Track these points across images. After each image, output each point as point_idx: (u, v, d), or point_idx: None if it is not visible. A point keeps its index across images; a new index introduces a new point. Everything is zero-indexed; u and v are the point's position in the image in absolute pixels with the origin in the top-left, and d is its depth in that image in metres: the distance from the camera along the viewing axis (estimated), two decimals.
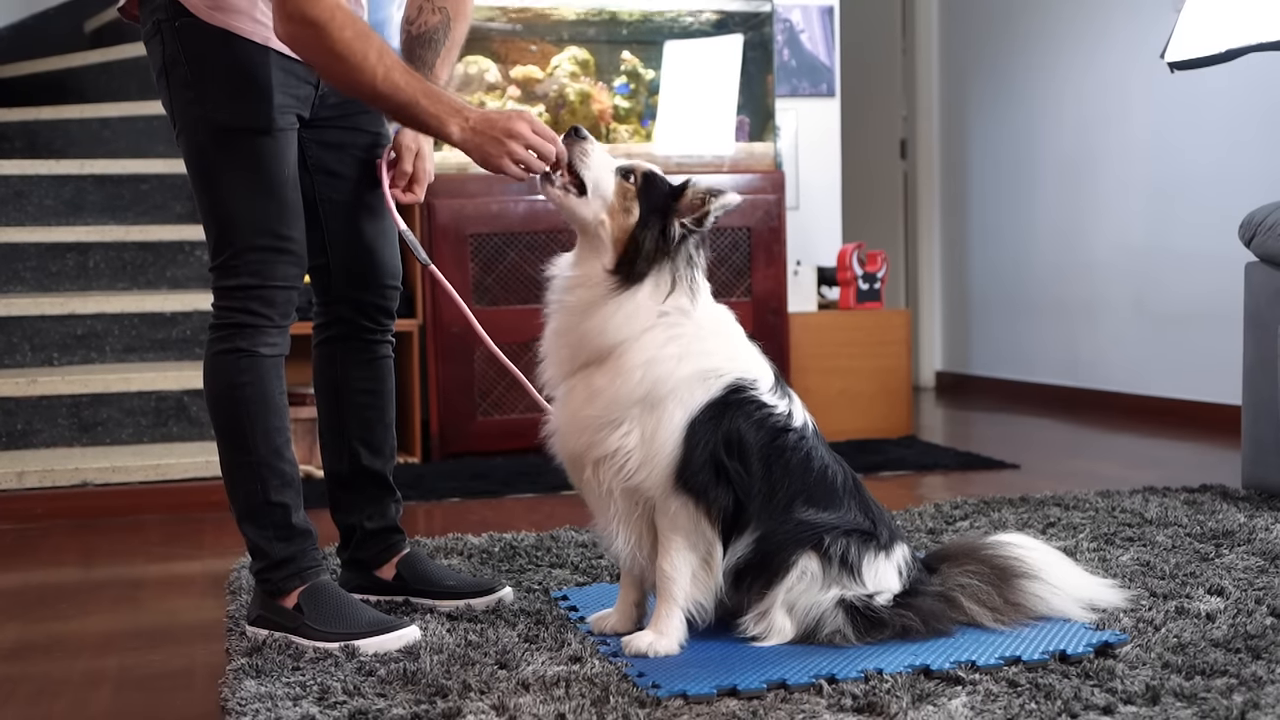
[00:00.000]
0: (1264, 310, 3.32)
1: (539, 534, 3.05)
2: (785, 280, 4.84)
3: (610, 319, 2.06)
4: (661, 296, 2.06)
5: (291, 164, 2.21)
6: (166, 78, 2.19)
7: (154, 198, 4.73)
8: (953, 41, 7.02)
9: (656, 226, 2.07)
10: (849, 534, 2.08)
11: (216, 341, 2.21)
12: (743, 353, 2.14)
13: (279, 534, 2.22)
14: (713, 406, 2.05)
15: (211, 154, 2.17)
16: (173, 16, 2.14)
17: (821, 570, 2.05)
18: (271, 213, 2.17)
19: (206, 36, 2.13)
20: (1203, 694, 1.79)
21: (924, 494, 3.67)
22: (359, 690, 1.90)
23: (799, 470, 2.09)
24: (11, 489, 3.60)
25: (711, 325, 2.12)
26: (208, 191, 2.19)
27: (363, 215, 2.38)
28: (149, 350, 4.24)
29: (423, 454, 4.53)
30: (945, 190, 7.12)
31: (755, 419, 2.07)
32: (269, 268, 2.17)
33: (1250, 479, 3.38)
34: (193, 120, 2.17)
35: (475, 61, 4.90)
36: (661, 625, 2.07)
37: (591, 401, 2.07)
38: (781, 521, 2.06)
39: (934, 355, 7.23)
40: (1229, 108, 4.96)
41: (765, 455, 2.07)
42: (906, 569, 2.13)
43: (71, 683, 2.13)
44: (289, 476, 2.23)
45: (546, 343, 2.16)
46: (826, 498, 2.10)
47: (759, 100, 5.11)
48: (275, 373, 2.22)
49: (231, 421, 2.22)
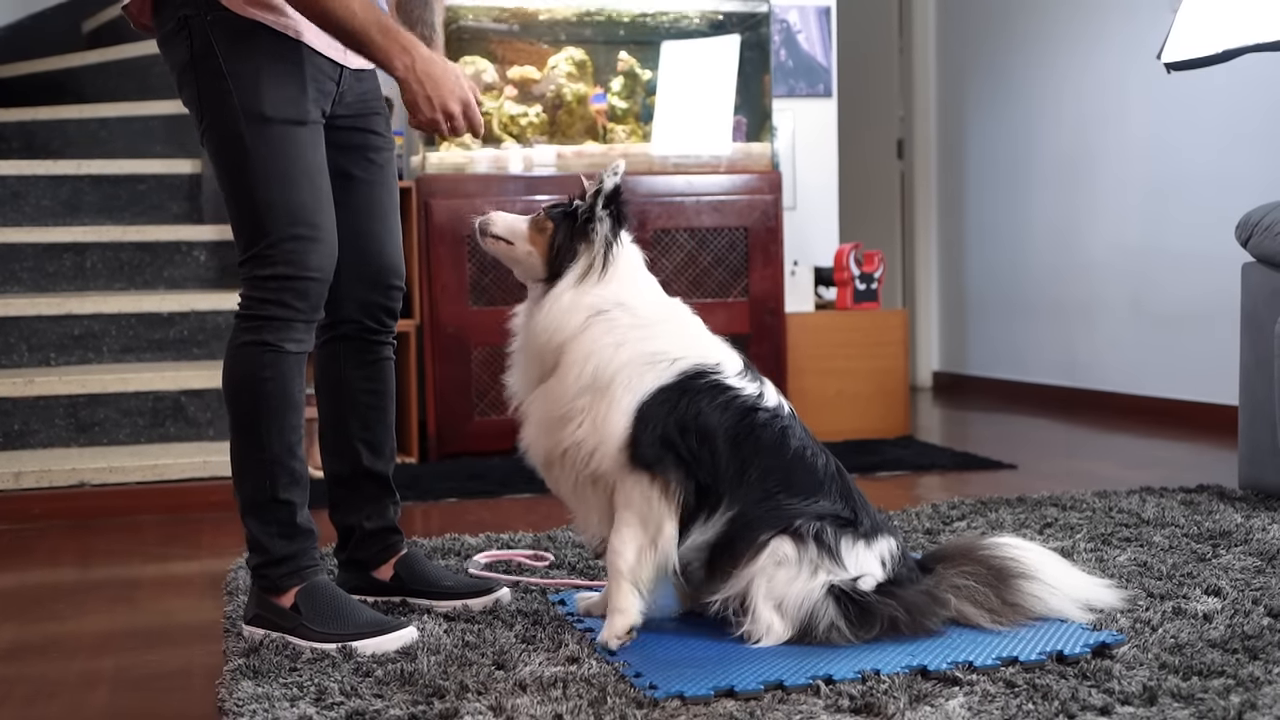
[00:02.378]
0: (1261, 310, 3.32)
1: (536, 534, 3.05)
2: (782, 280, 4.85)
3: (545, 318, 2.17)
4: (578, 280, 2.17)
5: (323, 155, 2.23)
6: (194, 71, 2.18)
7: (151, 198, 4.73)
8: (950, 42, 7.03)
9: (565, 226, 2.20)
10: (823, 518, 2.08)
11: (244, 332, 2.20)
12: (697, 339, 2.19)
13: (282, 531, 2.22)
14: (667, 390, 2.09)
15: (248, 142, 2.16)
16: (204, 11, 2.14)
17: (796, 553, 2.05)
18: (307, 202, 2.18)
19: (240, 29, 2.14)
20: (1200, 694, 1.79)
21: (921, 494, 3.67)
22: (356, 691, 1.90)
23: (771, 449, 2.10)
24: (8, 489, 3.60)
25: (655, 314, 2.19)
26: (242, 181, 2.18)
27: (370, 216, 2.39)
28: (146, 350, 4.24)
29: (420, 454, 4.53)
30: (942, 190, 7.12)
31: (720, 401, 2.10)
32: (304, 257, 2.17)
33: (1247, 479, 3.39)
34: (227, 111, 2.16)
35: (473, 61, 4.90)
36: (616, 602, 2.10)
37: (547, 403, 2.16)
38: (755, 502, 2.08)
39: (931, 355, 7.24)
40: (1226, 108, 4.96)
41: (733, 435, 2.09)
42: (891, 561, 2.12)
43: (68, 683, 2.13)
44: (298, 475, 2.24)
45: (512, 363, 2.27)
46: (805, 483, 2.11)
47: (756, 100, 5.12)
48: (298, 369, 2.22)
49: (249, 415, 2.21)
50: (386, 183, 2.43)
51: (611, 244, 2.18)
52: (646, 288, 2.23)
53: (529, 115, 4.92)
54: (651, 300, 2.21)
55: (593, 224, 2.18)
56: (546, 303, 2.18)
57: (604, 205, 2.18)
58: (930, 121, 7.18)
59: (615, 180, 2.17)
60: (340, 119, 2.32)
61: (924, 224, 7.22)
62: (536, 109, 4.94)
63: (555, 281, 2.19)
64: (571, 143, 4.91)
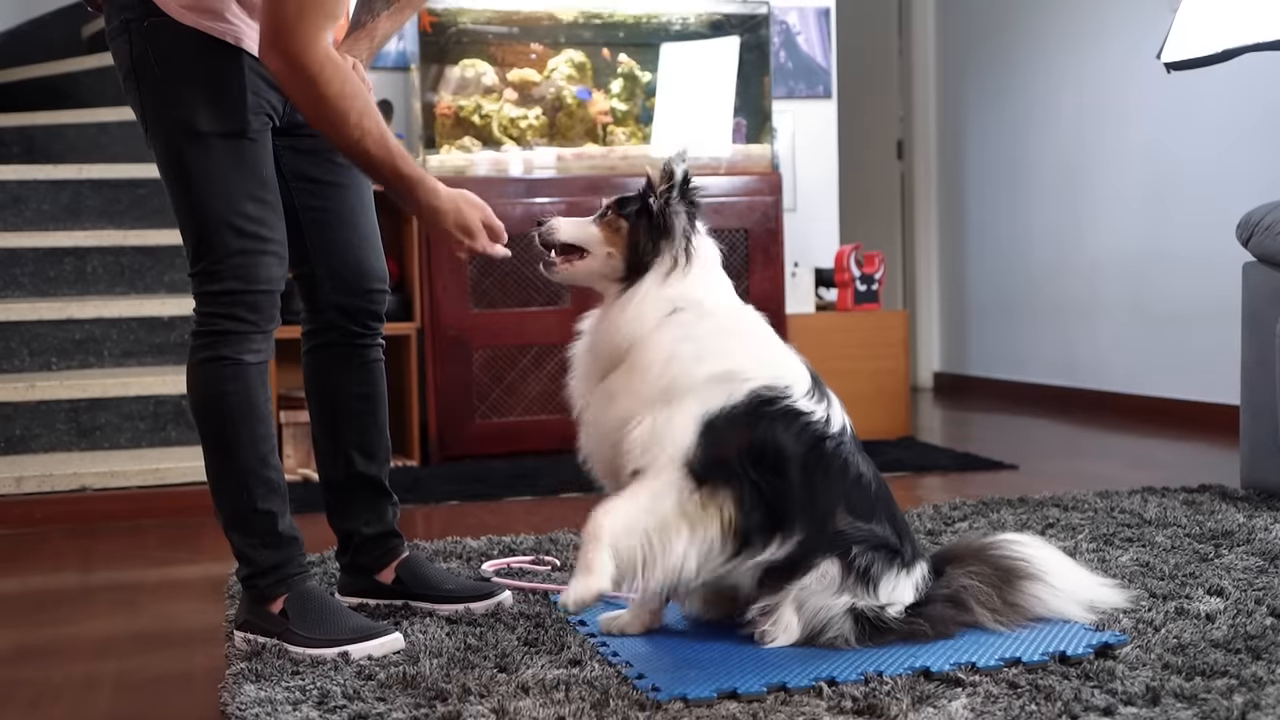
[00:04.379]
0: (1262, 310, 3.32)
1: (538, 537, 3.05)
2: (783, 282, 4.85)
3: (621, 314, 2.09)
4: (664, 276, 2.09)
5: (268, 165, 2.20)
6: (136, 79, 2.15)
7: (152, 202, 4.72)
8: (949, 42, 7.03)
9: (644, 220, 2.11)
10: (877, 549, 2.07)
11: (200, 349, 2.19)
12: (770, 354, 2.12)
13: (265, 541, 2.22)
14: (737, 411, 2.03)
15: (188, 157, 2.13)
16: (142, 15, 2.10)
17: (840, 577, 2.04)
18: (251, 214, 2.15)
19: (177, 36, 2.10)
20: (1203, 695, 1.79)
21: (922, 495, 3.67)
22: (358, 694, 1.89)
23: (838, 477, 2.08)
24: (10, 494, 3.60)
25: (730, 323, 2.12)
26: (184, 196, 2.16)
27: (344, 221, 2.37)
28: (147, 355, 4.24)
29: (421, 457, 4.53)
30: (942, 191, 7.12)
31: (795, 428, 2.05)
32: (251, 270, 2.15)
33: (1249, 479, 3.38)
34: (165, 124, 2.14)
35: (473, 64, 4.91)
36: (588, 560, 1.98)
37: (612, 404, 2.08)
38: (820, 529, 2.05)
39: (932, 356, 7.24)
40: (1226, 108, 4.96)
41: (805, 464, 2.05)
42: (924, 584, 2.12)
43: (70, 687, 2.13)
44: (275, 484, 2.23)
45: (575, 362, 2.18)
46: (861, 506, 2.09)
47: (756, 102, 5.12)
48: (260, 380, 2.21)
49: (217, 430, 2.21)
50: (357, 185, 2.39)
51: (690, 237, 2.12)
52: (721, 286, 2.16)
53: (529, 118, 4.92)
54: (727, 305, 2.14)
55: (670, 217, 2.10)
56: (625, 299, 2.10)
57: (679, 196, 2.11)
58: (930, 122, 7.18)
59: (684, 168, 2.10)
60: (298, 124, 2.26)
61: (924, 225, 7.22)
62: (536, 111, 4.94)
63: (635, 278, 2.10)
64: (571, 145, 4.92)
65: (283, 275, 2.21)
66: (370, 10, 2.37)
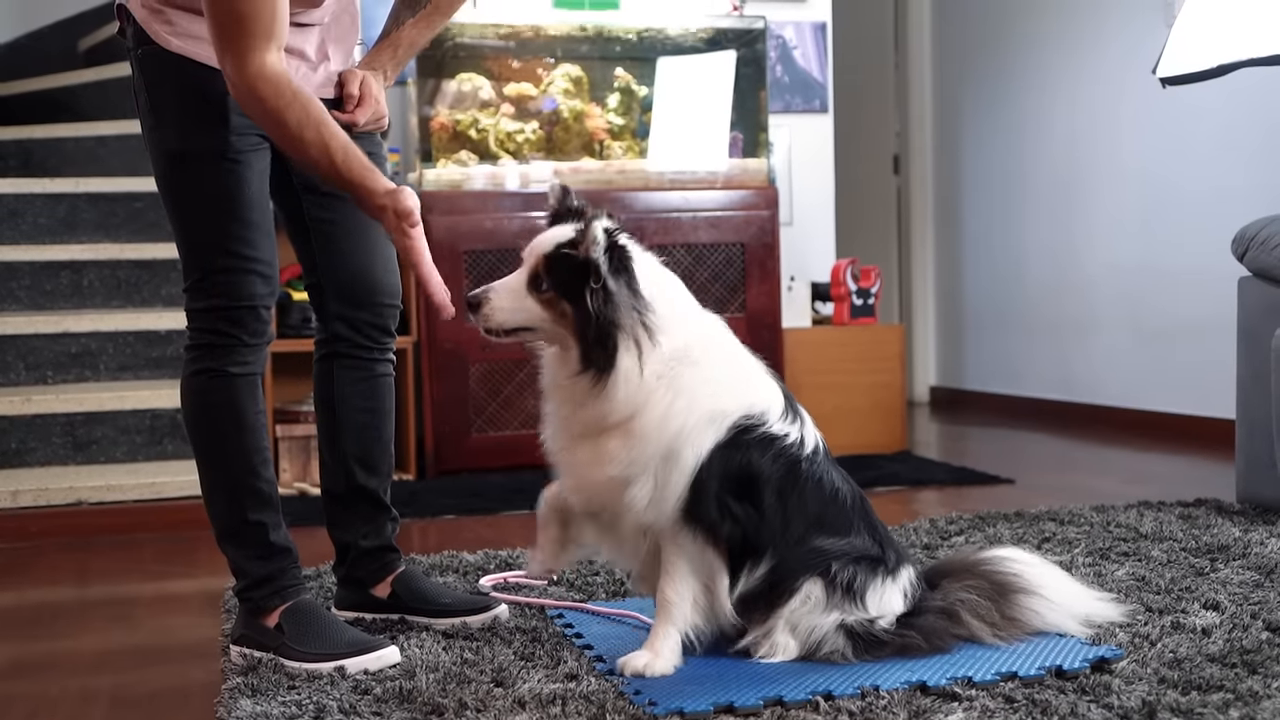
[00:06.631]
0: (1257, 324, 3.33)
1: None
2: (779, 296, 4.86)
3: (610, 403, 1.99)
4: (635, 356, 1.98)
5: (255, 184, 2.22)
6: (136, 103, 2.25)
7: (148, 215, 4.72)
8: (945, 57, 7.05)
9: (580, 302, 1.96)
10: (857, 560, 2.08)
11: (190, 363, 2.24)
12: (745, 381, 2.11)
13: (258, 552, 2.24)
14: (721, 446, 2.03)
15: (172, 180, 2.22)
16: (137, 45, 2.20)
17: (825, 596, 2.06)
18: (236, 234, 2.19)
19: (165, 64, 2.17)
20: (1199, 709, 1.79)
21: (919, 509, 3.67)
22: (355, 709, 1.89)
23: (812, 498, 2.09)
24: (6, 508, 3.60)
25: (710, 361, 2.06)
26: (174, 216, 2.24)
27: (350, 234, 2.39)
28: (144, 368, 4.24)
29: (418, 471, 4.53)
30: (938, 205, 7.14)
31: (769, 454, 2.05)
32: (236, 288, 2.20)
33: (1245, 493, 3.39)
34: (156, 148, 2.23)
35: (469, 79, 4.92)
36: (658, 646, 2.06)
37: (609, 463, 2.03)
38: (794, 550, 2.06)
39: (928, 370, 7.24)
40: (1221, 122, 4.98)
41: (779, 488, 2.06)
42: (912, 590, 2.13)
43: (66, 701, 2.13)
44: (266, 495, 2.25)
45: (549, 415, 2.12)
46: (837, 522, 2.10)
47: (752, 116, 5.13)
48: (249, 391, 2.23)
49: (206, 441, 2.24)
50: None
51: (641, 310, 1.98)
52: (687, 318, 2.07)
53: (525, 132, 4.93)
54: (700, 340, 2.06)
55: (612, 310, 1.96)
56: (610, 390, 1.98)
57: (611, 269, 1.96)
58: (926, 136, 7.19)
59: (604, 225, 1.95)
60: None
61: (920, 239, 7.23)
62: (533, 125, 4.95)
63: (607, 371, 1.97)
64: (568, 159, 4.93)
65: (269, 292, 2.25)
66: (396, 21, 2.43)
